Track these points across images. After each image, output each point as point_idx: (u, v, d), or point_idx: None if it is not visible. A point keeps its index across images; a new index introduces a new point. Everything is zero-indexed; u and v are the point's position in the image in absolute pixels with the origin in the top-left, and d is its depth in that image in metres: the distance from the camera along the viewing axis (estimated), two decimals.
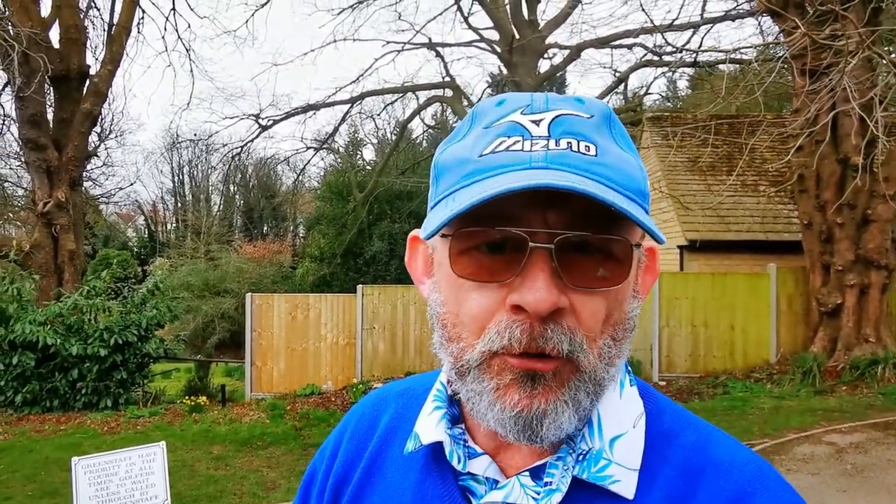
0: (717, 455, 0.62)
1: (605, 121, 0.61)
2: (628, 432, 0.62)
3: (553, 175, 0.54)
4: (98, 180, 29.08)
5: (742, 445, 0.64)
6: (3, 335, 8.85)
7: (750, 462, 0.62)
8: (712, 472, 0.60)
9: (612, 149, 0.59)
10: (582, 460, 0.60)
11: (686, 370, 10.30)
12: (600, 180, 0.55)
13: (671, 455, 0.62)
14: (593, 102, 0.62)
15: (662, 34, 11.28)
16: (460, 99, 18.45)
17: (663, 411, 0.66)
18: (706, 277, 10.60)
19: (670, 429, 0.64)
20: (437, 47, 17.88)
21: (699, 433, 0.64)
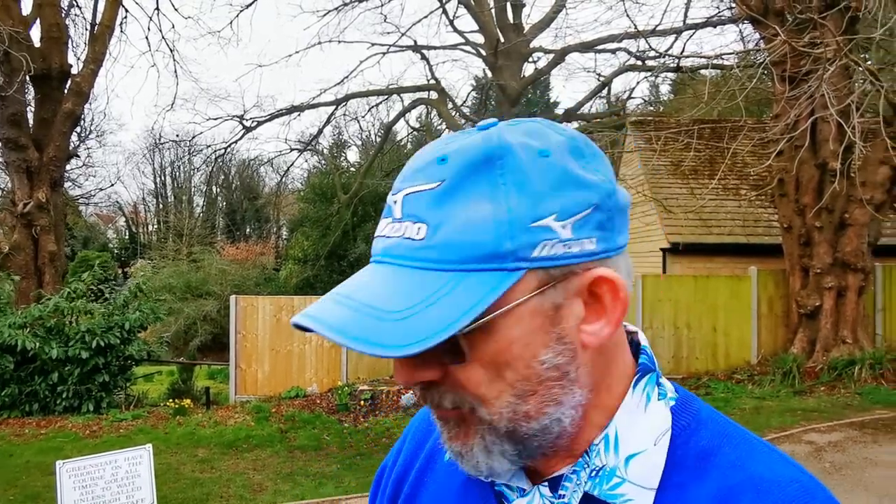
0: (757, 473, 0.58)
1: (465, 176, 0.55)
2: (647, 450, 0.60)
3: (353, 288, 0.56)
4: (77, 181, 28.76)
5: (789, 462, 0.60)
6: None
7: (794, 481, 0.57)
8: (751, 492, 0.57)
9: (457, 214, 0.54)
10: (595, 476, 0.59)
11: (669, 371, 10.41)
12: (425, 265, 0.55)
13: (708, 475, 0.59)
14: (458, 156, 0.56)
15: (646, 39, 11.42)
16: (445, 102, 18.50)
17: (703, 426, 0.62)
18: (689, 280, 10.74)
19: (708, 446, 0.60)
20: (422, 50, 17.92)
21: (739, 449, 0.60)
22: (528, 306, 0.55)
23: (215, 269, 21.50)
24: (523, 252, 0.54)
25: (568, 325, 0.57)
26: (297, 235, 25.43)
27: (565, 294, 0.56)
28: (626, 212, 0.61)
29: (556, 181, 0.56)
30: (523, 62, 17.85)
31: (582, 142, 0.60)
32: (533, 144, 0.57)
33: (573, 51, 17.14)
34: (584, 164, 0.58)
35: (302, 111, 18.14)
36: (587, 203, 0.56)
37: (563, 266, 0.55)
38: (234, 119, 17.17)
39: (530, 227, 0.54)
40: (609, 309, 0.57)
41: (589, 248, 0.56)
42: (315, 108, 18.63)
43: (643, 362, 0.65)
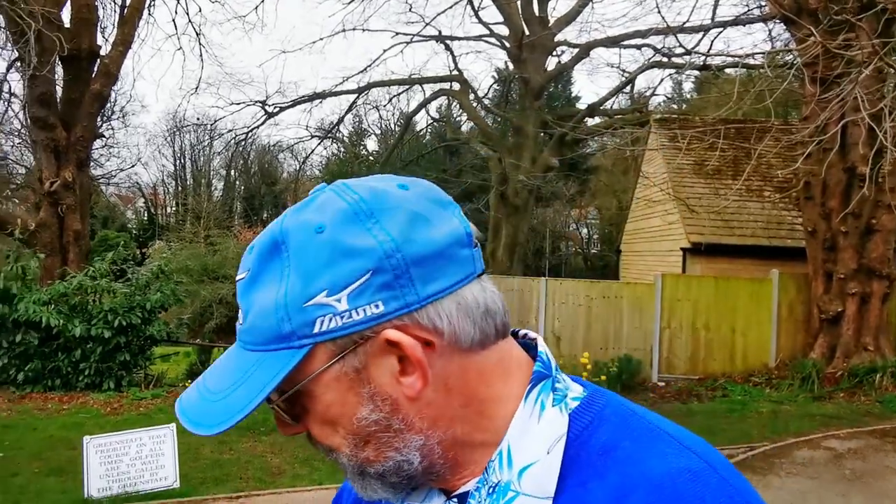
0: (651, 467, 0.57)
1: (262, 263, 0.61)
2: (540, 460, 0.60)
3: (210, 369, 0.65)
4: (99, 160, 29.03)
5: (685, 449, 0.59)
6: (7, 313, 8.86)
7: (685, 471, 0.57)
8: (643, 490, 0.56)
9: (256, 300, 0.60)
10: (492, 493, 0.61)
11: (685, 371, 10.37)
12: (246, 347, 0.62)
13: (608, 472, 0.59)
14: (259, 245, 0.62)
15: (675, 35, 11.29)
16: (467, 93, 18.45)
17: (604, 422, 0.62)
18: (709, 280, 10.67)
19: (608, 442, 0.60)
20: (446, 40, 17.87)
21: (638, 442, 0.60)
22: (331, 374, 0.59)
23: (232, 253, 21.64)
24: (303, 331, 0.58)
25: (381, 382, 0.60)
26: None
27: (365, 357, 0.59)
28: (441, 258, 0.59)
29: (327, 256, 0.58)
30: (547, 55, 17.75)
31: (374, 199, 0.60)
32: (312, 221, 0.59)
33: (598, 45, 17.02)
34: (370, 225, 0.58)
35: (324, 98, 18.18)
36: (360, 271, 0.57)
37: (349, 335, 0.58)
38: (257, 104, 17.25)
39: (304, 306, 0.58)
40: (415, 364, 0.59)
41: (375, 311, 0.58)
42: (337, 96, 18.68)
43: (537, 370, 0.65)
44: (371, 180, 0.64)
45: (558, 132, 15.91)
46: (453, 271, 0.60)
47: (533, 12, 17.29)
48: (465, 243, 0.62)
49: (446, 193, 0.67)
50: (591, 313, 10.48)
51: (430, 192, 0.64)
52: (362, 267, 0.57)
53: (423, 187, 0.64)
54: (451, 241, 0.60)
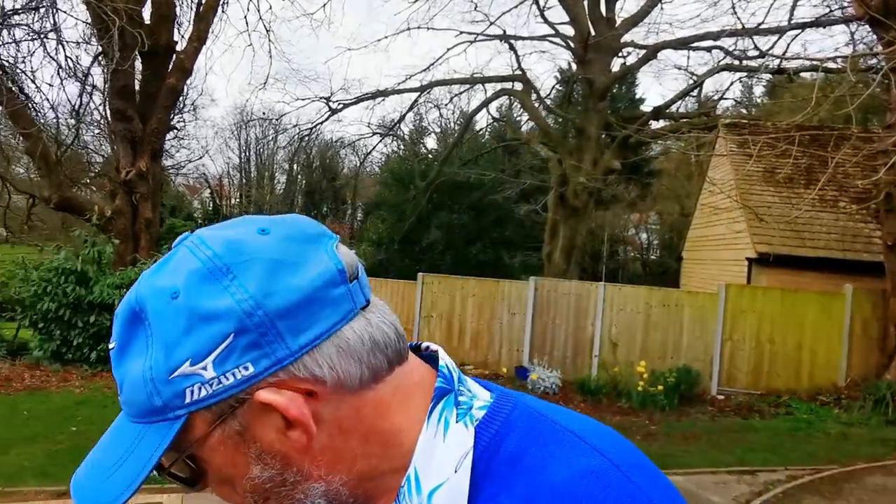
0: (554, 474, 0.57)
1: (126, 334, 0.58)
2: (448, 479, 0.59)
3: (101, 440, 0.62)
4: (169, 152, 30.20)
5: (590, 450, 0.59)
6: (83, 295, 9.32)
7: (588, 474, 0.57)
8: (548, 497, 0.56)
9: (127, 373, 0.58)
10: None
11: (747, 386, 10.02)
12: (129, 418, 0.60)
13: (515, 482, 0.58)
14: (120, 314, 0.59)
15: (751, 37, 10.89)
16: (529, 93, 18.30)
17: (512, 429, 0.62)
18: (776, 293, 10.27)
19: (516, 449, 0.60)
20: (510, 40, 17.77)
21: (545, 448, 0.60)
22: (214, 439, 0.58)
23: None
24: (174, 402, 0.56)
25: (267, 439, 0.58)
26: (372, 218, 25.86)
27: (244, 419, 0.58)
28: (313, 303, 0.56)
29: (185, 324, 0.55)
30: (613, 57, 17.41)
31: (229, 253, 0.57)
32: (166, 286, 0.57)
33: (667, 47, 16.59)
34: (228, 283, 0.56)
35: (387, 96, 18.36)
36: (221, 335, 0.55)
37: (223, 400, 0.56)
38: (321, 100, 17.58)
39: (170, 379, 0.56)
40: (295, 421, 0.57)
41: (245, 374, 0.56)
42: (399, 94, 18.84)
43: (438, 387, 0.63)
44: (228, 228, 0.60)
45: (621, 134, 15.60)
46: (328, 314, 0.57)
47: (600, 13, 17.00)
48: (338, 281, 0.58)
49: (318, 224, 0.63)
50: (650, 321, 10.24)
51: (295, 230, 0.60)
52: (223, 331, 0.55)
53: (287, 227, 0.60)
54: (319, 283, 0.57)
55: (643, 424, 8.30)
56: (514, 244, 23.60)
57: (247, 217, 0.63)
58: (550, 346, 10.43)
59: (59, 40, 10.31)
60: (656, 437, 7.66)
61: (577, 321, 10.39)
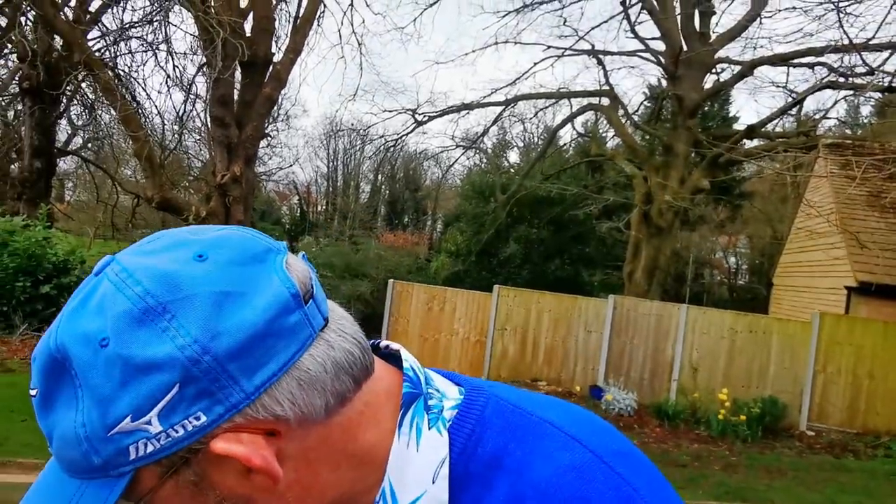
0: (537, 473, 0.54)
1: (49, 383, 0.51)
2: (427, 491, 0.55)
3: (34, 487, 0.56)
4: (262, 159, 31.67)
5: (573, 443, 0.56)
6: None
7: (571, 469, 0.54)
8: (533, 498, 0.53)
9: (55, 426, 0.52)
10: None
11: (840, 423, 9.36)
12: (63, 470, 0.54)
13: (497, 484, 0.55)
14: (39, 357, 0.52)
15: (860, 53, 10.29)
16: (617, 108, 17.99)
17: (487, 427, 0.58)
18: (877, 325, 9.57)
19: (495, 449, 0.57)
20: (598, 54, 17.57)
21: (523, 444, 0.56)
22: (166, 489, 0.52)
23: (373, 253, 22.66)
24: (116, 460, 0.50)
25: (227, 485, 0.53)
26: (451, 230, 26.07)
27: (200, 468, 0.52)
28: (267, 337, 0.50)
29: (120, 376, 0.48)
30: (706, 73, 16.86)
31: (163, 289, 0.49)
32: (92, 332, 0.49)
33: (764, 63, 15.91)
34: (165, 324, 0.49)
35: (472, 109, 18.54)
36: (164, 387, 0.48)
37: (173, 454, 0.50)
38: (408, 112, 17.94)
39: (108, 436, 0.49)
40: (258, 469, 0.52)
41: (196, 424, 0.49)
42: (484, 108, 18.97)
43: (405, 393, 0.59)
44: (156, 255, 0.52)
45: (712, 153, 15.05)
46: (284, 346, 0.51)
47: (693, 28, 16.53)
48: (293, 307, 0.51)
49: (260, 236, 0.56)
50: (735, 347, 9.77)
51: (237, 252, 0.53)
52: (165, 381, 0.48)
53: (228, 249, 0.53)
54: (272, 314, 0.50)
55: (723, 454, 7.91)
56: (593, 262, 23.17)
57: (172, 236, 0.55)
58: (627, 366, 10.14)
59: (169, 51, 11.06)
60: (737, 469, 7.28)
61: (656, 343, 10.05)
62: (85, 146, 21.50)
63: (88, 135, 20.12)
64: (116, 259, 0.53)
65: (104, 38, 13.05)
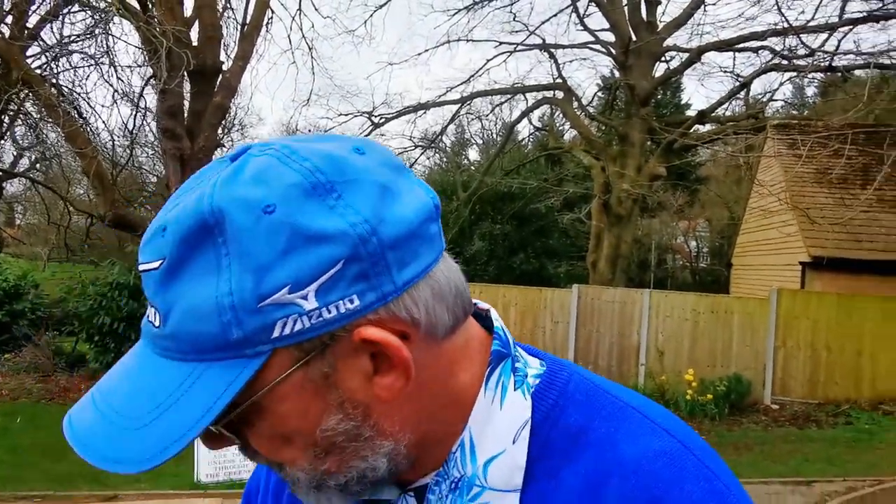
0: (625, 452, 0.53)
1: (185, 250, 0.48)
2: (506, 450, 0.55)
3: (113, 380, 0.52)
4: None
5: (660, 430, 0.55)
6: (137, 308, 9.64)
7: (662, 454, 0.53)
8: (619, 476, 0.52)
9: (182, 298, 0.48)
10: (455, 488, 0.56)
11: (802, 395, 9.62)
12: (167, 355, 0.50)
13: (580, 457, 0.54)
14: (176, 225, 0.48)
15: (798, 35, 10.58)
16: (571, 101, 18.18)
17: (571, 401, 0.57)
18: (831, 298, 9.86)
19: (579, 423, 0.56)
20: (549, 48, 17.73)
21: (610, 422, 0.56)
22: (291, 382, 0.50)
23: None
24: (258, 336, 0.47)
25: (351, 386, 0.51)
26: None
27: (334, 360, 0.50)
28: (415, 238, 0.51)
29: (286, 243, 0.46)
30: (655, 61, 17.16)
31: (331, 168, 0.49)
32: (255, 197, 0.47)
33: (710, 49, 16.25)
34: (333, 202, 0.48)
35: (428, 109, 18.53)
36: (331, 260, 0.47)
37: (318, 336, 0.48)
38: (364, 115, 17.84)
39: (259, 307, 0.47)
40: (396, 361, 0.51)
41: (349, 307, 0.48)
42: (440, 107, 18.99)
43: (496, 349, 0.59)
44: (319, 142, 0.53)
45: (666, 139, 15.33)
46: (426, 251, 0.52)
47: (641, 17, 16.80)
48: (434, 217, 0.53)
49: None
50: (698, 328, 9.96)
51: (389, 157, 0.54)
52: (332, 255, 0.47)
53: (382, 152, 0.54)
54: (422, 216, 0.52)
55: None
56: (558, 253, 23.41)
57: (323, 134, 0.56)
58: (595, 354, 10.26)
59: (113, 64, 10.79)
60: None
61: (622, 329, 10.19)
62: (33, 167, 20.85)
63: (36, 155, 19.52)
64: (278, 143, 0.52)
65: (44, 54, 12.68)
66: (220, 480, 5.18)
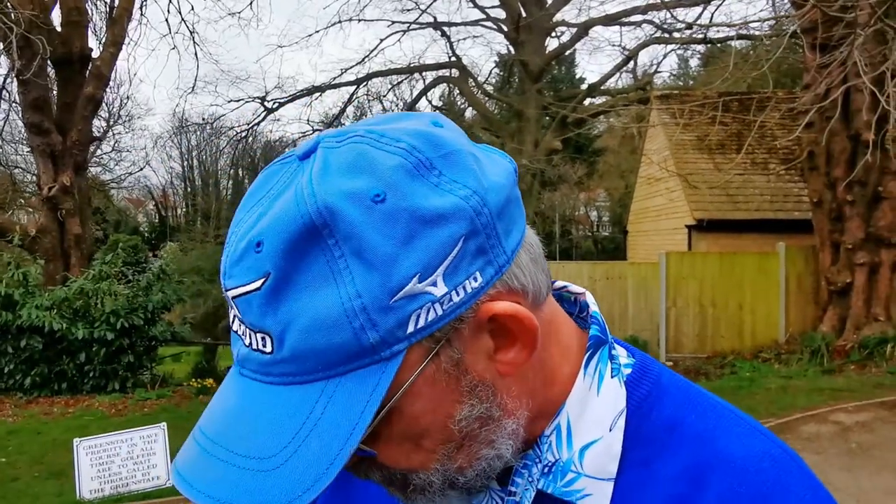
0: (727, 449, 0.53)
1: (291, 262, 0.44)
2: (603, 438, 0.54)
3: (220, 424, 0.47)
4: (108, 165, 29.26)
5: (758, 431, 0.55)
6: (11, 320, 8.92)
7: (766, 455, 0.53)
8: (722, 471, 0.52)
9: (299, 314, 0.44)
10: (548, 473, 0.54)
11: (693, 350, 10.23)
12: (287, 381, 0.46)
13: (674, 449, 0.54)
14: (275, 237, 0.44)
15: (670, 11, 11.06)
16: (467, 79, 18.29)
17: (665, 394, 0.56)
18: (714, 257, 10.49)
19: (672, 417, 0.55)
20: (442, 27, 17.71)
21: (706, 420, 0.55)
22: (423, 377, 0.47)
23: None
24: (394, 335, 0.44)
25: (478, 368, 0.49)
26: None
27: (462, 344, 0.48)
28: (511, 203, 0.49)
29: (405, 231, 0.44)
30: (546, 37, 17.53)
31: (426, 145, 0.47)
32: (360, 188, 0.44)
33: (597, 24, 16.77)
34: (436, 179, 0.46)
35: (323, 91, 18.12)
36: (453, 239, 0.45)
37: (447, 324, 0.46)
38: (255, 101, 17.22)
39: (391, 304, 0.44)
40: (519, 333, 0.49)
41: (474, 286, 0.46)
42: (337, 89, 18.61)
43: (594, 335, 0.56)
44: (399, 121, 0.49)
45: (560, 114, 15.73)
46: (520, 216, 0.50)
47: None
48: (516, 179, 0.51)
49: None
50: (596, 295, 9.96)
51: (457, 130, 0.51)
52: (453, 234, 0.45)
53: (450, 126, 0.51)
54: (511, 180, 0.50)
55: None
56: None
57: (397, 114, 0.52)
58: None
59: None
60: None
61: None
62: None
63: None
64: (358, 128, 0.48)
65: None
66: (106, 495, 4.90)
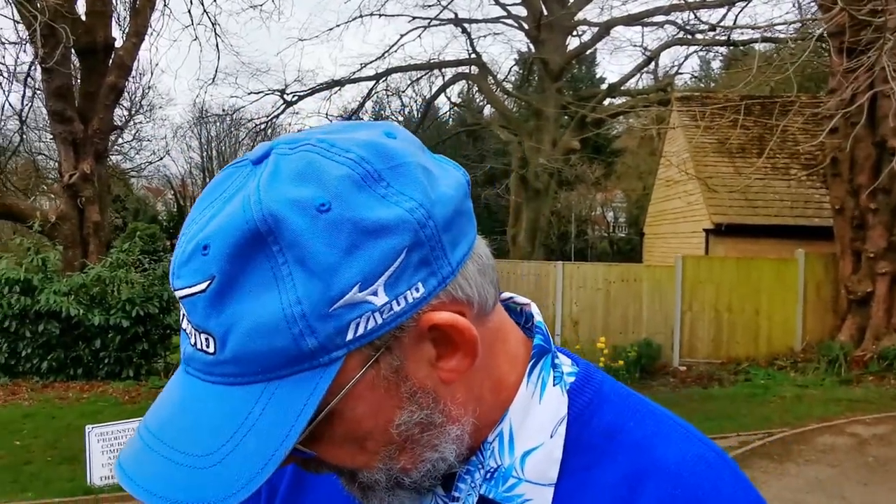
0: (665, 455, 0.54)
1: (236, 266, 0.45)
2: (544, 444, 0.55)
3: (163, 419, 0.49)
4: (128, 154, 29.54)
5: (694, 438, 0.56)
6: (30, 304, 9.04)
7: (700, 459, 0.54)
8: (659, 477, 0.53)
9: (241, 317, 0.45)
10: (490, 478, 0.54)
11: (707, 355, 10.12)
12: (228, 381, 0.47)
13: (613, 456, 0.55)
14: (220, 241, 0.45)
15: (694, 12, 10.92)
16: (486, 77, 18.22)
17: (605, 401, 0.57)
18: (731, 262, 10.37)
19: (613, 423, 0.56)
20: (463, 23, 17.65)
21: (644, 427, 0.56)
22: (363, 383, 0.48)
23: None
24: (332, 342, 0.45)
25: (419, 375, 0.50)
26: None
27: (403, 352, 0.49)
28: (460, 215, 0.49)
29: (349, 241, 0.44)
30: (567, 36, 17.40)
31: (375, 156, 0.47)
32: (306, 196, 0.45)
33: (618, 24, 16.62)
34: (383, 191, 0.46)
35: (342, 86, 18.14)
36: (396, 251, 0.45)
37: (387, 332, 0.47)
38: (275, 93, 17.28)
39: (330, 311, 0.45)
40: (460, 342, 0.50)
41: (415, 296, 0.47)
42: (356, 83, 18.62)
43: (538, 344, 0.58)
44: (351, 131, 0.50)
45: (579, 113, 15.62)
46: (469, 228, 0.51)
47: None
48: (468, 192, 0.52)
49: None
50: (610, 297, 10.27)
51: (412, 139, 0.52)
52: (395, 245, 0.45)
53: (404, 136, 0.51)
54: (461, 192, 0.51)
55: None
56: (481, 230, 23.57)
57: (345, 123, 0.52)
58: None
59: None
60: None
61: (537, 301, 10.09)
62: None
63: None
64: (310, 136, 0.48)
65: None
66: (115, 482, 4.94)
